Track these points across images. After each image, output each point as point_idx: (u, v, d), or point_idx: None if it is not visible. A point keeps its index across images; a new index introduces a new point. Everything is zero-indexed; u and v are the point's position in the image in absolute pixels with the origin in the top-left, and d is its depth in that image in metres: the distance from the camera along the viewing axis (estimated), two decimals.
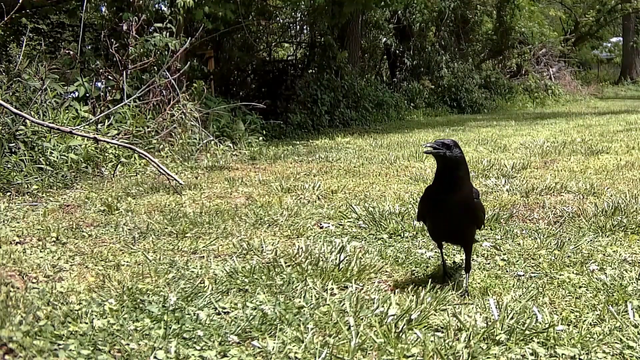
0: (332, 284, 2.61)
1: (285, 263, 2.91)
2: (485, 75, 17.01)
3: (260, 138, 8.49)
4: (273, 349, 2.02)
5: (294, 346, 2.03)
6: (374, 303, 2.37)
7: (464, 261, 2.61)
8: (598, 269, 2.80)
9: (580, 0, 27.41)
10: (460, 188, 2.42)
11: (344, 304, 2.38)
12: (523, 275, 2.75)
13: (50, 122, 5.53)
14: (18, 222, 3.81)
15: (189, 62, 8.53)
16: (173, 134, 7.03)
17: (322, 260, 2.92)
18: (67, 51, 7.81)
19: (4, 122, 5.33)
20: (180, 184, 5.01)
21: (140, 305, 2.36)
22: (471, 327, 2.16)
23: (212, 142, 7.32)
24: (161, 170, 5.14)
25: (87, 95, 6.99)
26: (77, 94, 6.87)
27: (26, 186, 4.79)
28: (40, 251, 3.17)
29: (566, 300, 2.44)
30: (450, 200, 2.43)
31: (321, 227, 3.67)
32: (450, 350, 1.99)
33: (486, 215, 3.70)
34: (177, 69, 7.73)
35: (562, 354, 1.98)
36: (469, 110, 15.22)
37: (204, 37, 9.74)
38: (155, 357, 1.97)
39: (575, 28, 25.68)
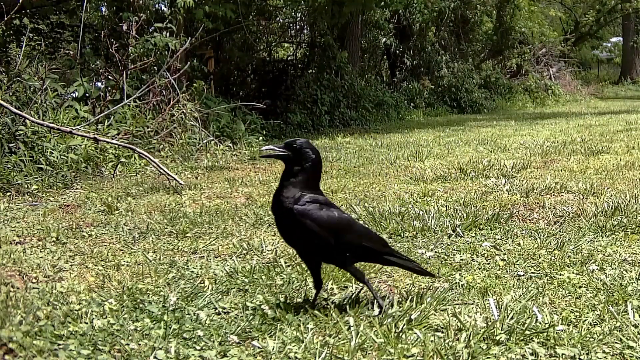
0: (332, 284, 2.61)
1: (285, 263, 2.91)
2: (485, 75, 17.01)
3: (260, 138, 8.49)
4: (273, 349, 2.02)
5: (294, 346, 2.03)
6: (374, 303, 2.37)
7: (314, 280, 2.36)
8: (598, 269, 2.80)
9: (580, 0, 27.40)
10: (285, 193, 2.20)
11: (344, 304, 2.38)
12: (523, 275, 2.75)
13: (50, 122, 5.53)
14: (18, 222, 3.81)
15: (189, 62, 8.53)
16: (173, 134, 7.03)
17: None
18: (67, 51, 7.81)
19: (4, 122, 5.33)
20: (180, 184, 5.01)
21: (140, 305, 2.36)
22: (471, 327, 2.16)
23: (212, 142, 7.32)
24: (161, 170, 5.14)
25: (87, 95, 6.98)
26: (76, 94, 6.86)
27: (26, 186, 4.79)
28: (40, 251, 3.18)
29: (566, 300, 2.44)
30: (277, 206, 2.22)
31: None
32: (450, 350, 1.99)
33: (486, 217, 3.70)
34: (177, 69, 7.72)
35: (562, 354, 1.98)
36: (469, 110, 15.22)
37: (204, 37, 9.74)
38: (155, 357, 1.97)
39: (575, 28, 25.68)
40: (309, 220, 2.17)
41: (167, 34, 7.69)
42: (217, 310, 2.35)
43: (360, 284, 2.49)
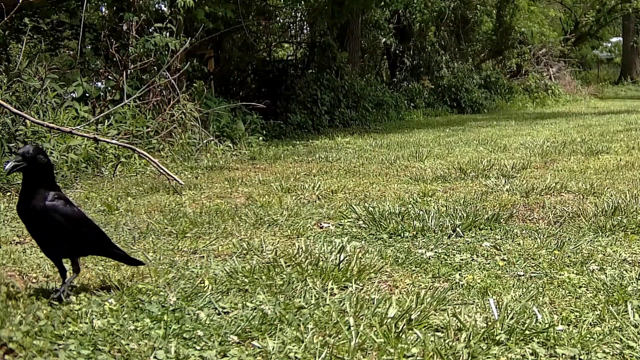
0: (332, 284, 2.61)
1: (285, 263, 2.91)
2: (485, 75, 17.00)
3: (260, 138, 8.49)
4: (273, 349, 2.02)
5: (294, 346, 2.03)
6: (374, 303, 2.37)
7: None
8: (598, 269, 2.80)
9: (580, 0, 27.39)
10: (34, 195, 2.43)
11: (344, 304, 2.38)
12: (523, 275, 2.75)
13: (50, 122, 5.52)
14: (18, 222, 3.81)
15: (189, 62, 8.53)
16: (173, 134, 7.02)
17: (322, 260, 2.92)
18: (67, 51, 7.82)
19: (4, 122, 5.33)
20: (180, 184, 5.01)
21: (140, 305, 2.36)
22: (471, 327, 2.16)
23: (212, 142, 7.32)
24: (161, 170, 5.14)
25: (87, 95, 6.98)
26: (76, 94, 6.86)
27: None
28: (40, 251, 3.17)
29: (566, 300, 2.44)
30: (27, 208, 2.44)
31: (321, 227, 3.67)
32: (450, 350, 1.99)
33: (486, 217, 3.70)
34: (177, 69, 7.72)
35: (562, 354, 1.98)
36: (469, 110, 15.21)
37: (204, 37, 9.73)
38: (155, 357, 1.97)
39: (575, 28, 25.66)
40: (58, 215, 2.44)
41: (167, 34, 7.68)
42: (217, 310, 2.35)
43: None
